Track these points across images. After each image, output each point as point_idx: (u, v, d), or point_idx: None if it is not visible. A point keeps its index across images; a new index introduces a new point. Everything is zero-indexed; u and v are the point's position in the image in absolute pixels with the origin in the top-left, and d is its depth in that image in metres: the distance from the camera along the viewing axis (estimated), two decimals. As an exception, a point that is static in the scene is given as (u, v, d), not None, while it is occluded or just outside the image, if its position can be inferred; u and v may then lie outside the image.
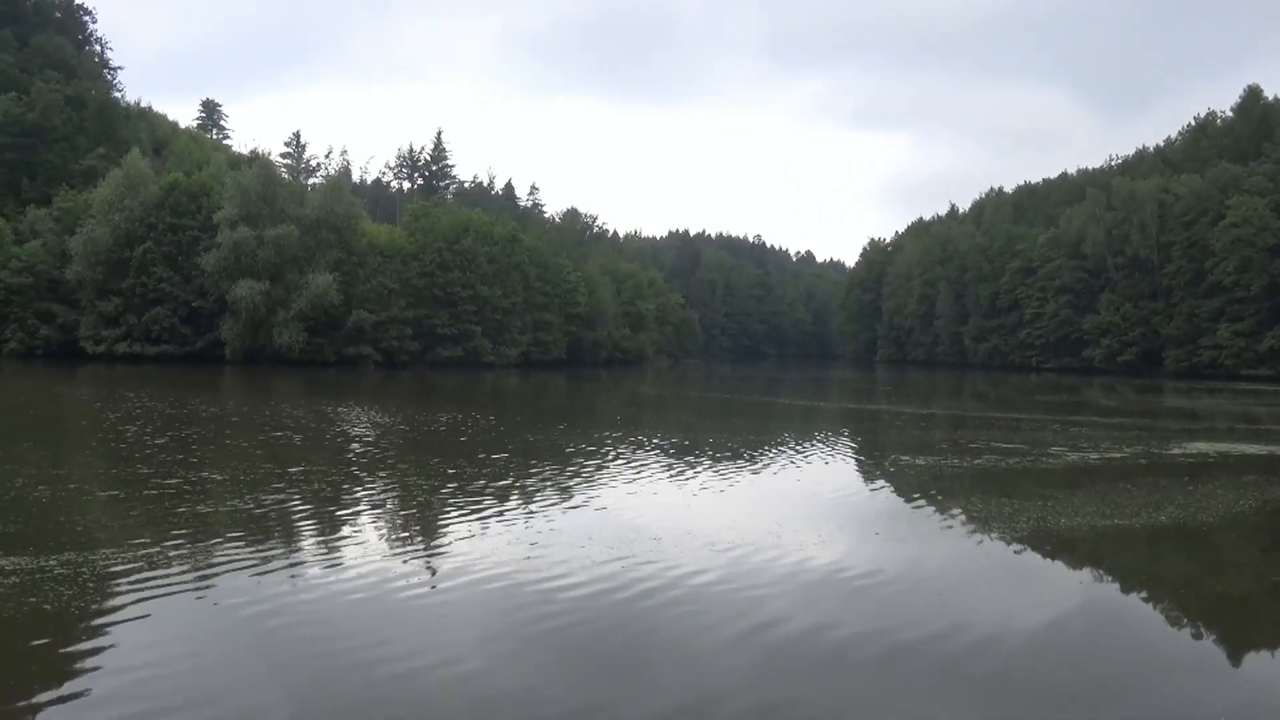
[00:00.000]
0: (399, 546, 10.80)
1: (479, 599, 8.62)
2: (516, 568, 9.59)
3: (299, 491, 13.82)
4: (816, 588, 9.39)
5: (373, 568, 9.55)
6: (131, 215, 59.55)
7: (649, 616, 8.23)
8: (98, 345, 59.19)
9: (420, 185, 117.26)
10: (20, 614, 7.70)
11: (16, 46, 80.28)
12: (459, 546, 10.64)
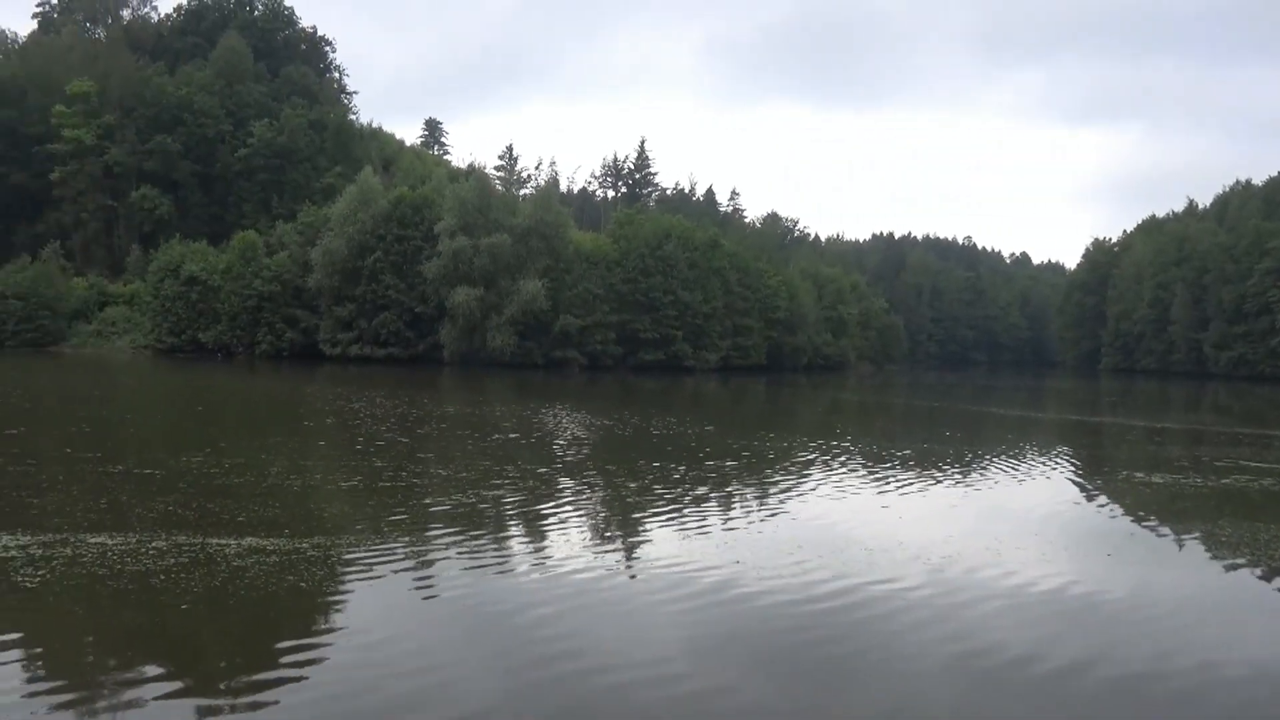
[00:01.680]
0: (605, 546, 11.11)
1: (685, 602, 8.73)
2: (724, 573, 9.64)
3: (512, 488, 14.51)
4: (1038, 610, 8.89)
5: (580, 565, 9.90)
6: (363, 227, 64.55)
7: (859, 630, 8.07)
8: (334, 347, 64.51)
9: (624, 193, 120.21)
10: (281, 590, 8.55)
11: (269, 78, 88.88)
12: (664, 549, 10.83)
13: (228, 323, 66.43)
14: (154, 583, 8.54)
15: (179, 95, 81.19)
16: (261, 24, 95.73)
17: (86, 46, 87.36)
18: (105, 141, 78.74)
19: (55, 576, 8.65)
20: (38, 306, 69.09)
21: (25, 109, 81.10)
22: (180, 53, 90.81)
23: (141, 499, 12.33)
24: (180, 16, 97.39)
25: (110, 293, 74.52)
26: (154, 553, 9.50)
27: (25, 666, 6.85)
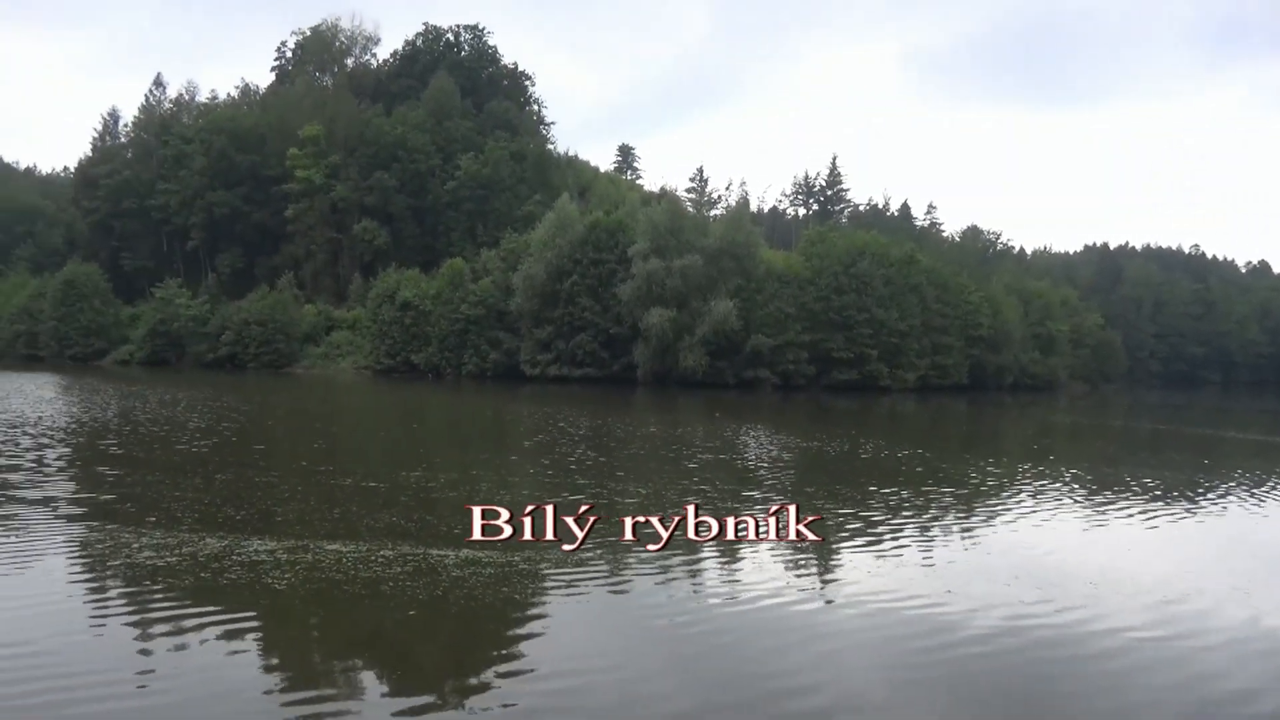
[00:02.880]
0: (800, 567, 10.99)
1: (887, 631, 8.51)
2: (932, 603, 9.33)
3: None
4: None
5: (777, 588, 9.85)
6: (561, 252, 67.05)
7: (1080, 671, 7.59)
8: (534, 368, 67.21)
9: (815, 210, 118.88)
10: (496, 601, 9.02)
11: (475, 113, 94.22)
12: (861, 574, 10.59)
13: (437, 345, 70.61)
14: (383, 589, 9.21)
15: (395, 134, 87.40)
16: (468, 64, 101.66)
17: (316, 94, 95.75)
18: (332, 180, 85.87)
19: (298, 580, 9.50)
20: (275, 331, 76.12)
21: (265, 153, 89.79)
22: (396, 95, 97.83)
23: (369, 510, 13.31)
24: (396, 61, 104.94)
25: (336, 318, 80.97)
26: (382, 561, 10.24)
27: (269, 661, 7.57)
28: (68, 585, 9.39)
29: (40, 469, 16.73)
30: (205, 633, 8.00)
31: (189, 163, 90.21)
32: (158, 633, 7.96)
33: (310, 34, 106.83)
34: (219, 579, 9.47)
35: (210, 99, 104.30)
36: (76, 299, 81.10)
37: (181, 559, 10.14)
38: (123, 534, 11.23)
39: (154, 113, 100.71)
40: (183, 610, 8.53)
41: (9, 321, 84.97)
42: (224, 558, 10.24)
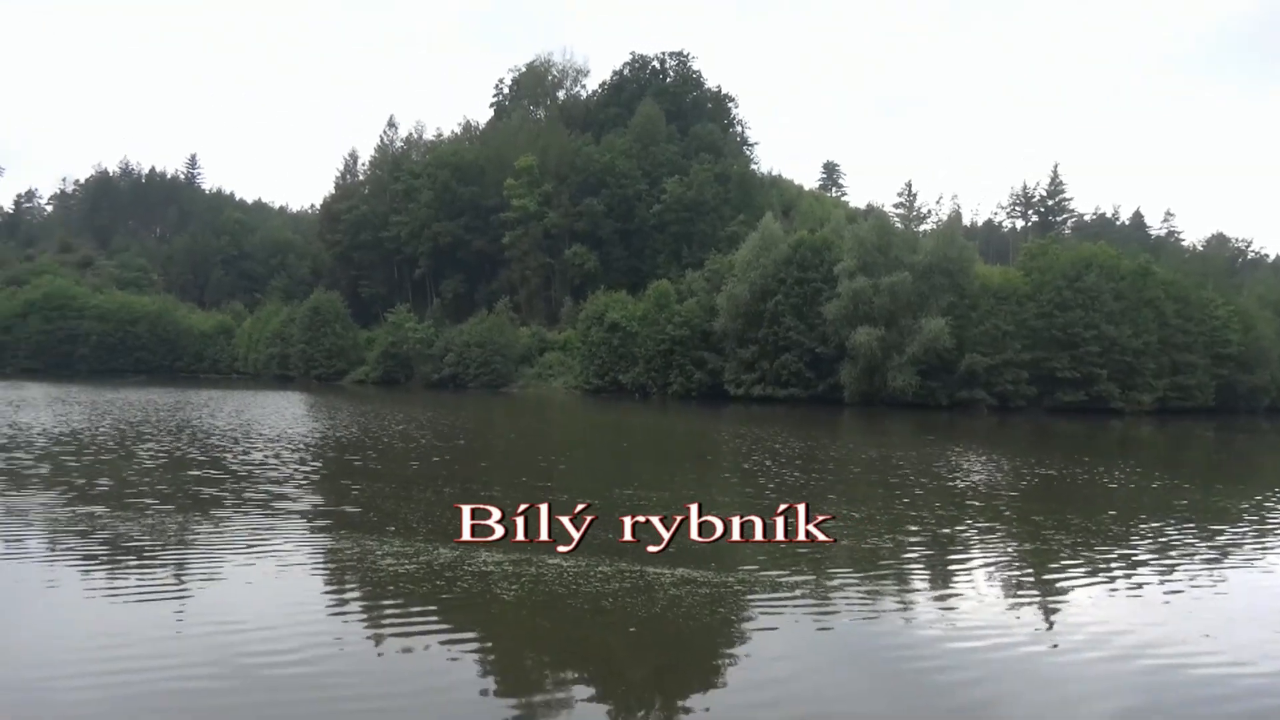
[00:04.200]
0: (1022, 599, 10.41)
1: (1130, 678, 7.90)
2: (1188, 650, 8.57)
3: (924, 534, 14.08)
4: None
5: (994, 618, 9.43)
6: (765, 272, 66.89)
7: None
8: (738, 388, 67.28)
9: (1034, 222, 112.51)
10: (713, 621, 9.11)
11: (679, 137, 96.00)
12: (1097, 611, 9.88)
13: (644, 365, 72.11)
14: (605, 604, 9.50)
15: (603, 161, 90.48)
16: (673, 89, 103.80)
17: (530, 127, 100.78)
18: (545, 207, 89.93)
19: (525, 592, 9.97)
20: (493, 353, 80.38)
21: (484, 184, 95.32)
22: (604, 123, 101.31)
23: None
24: (604, 91, 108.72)
25: (548, 340, 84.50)
26: (601, 577, 10.57)
27: (491, 667, 7.98)
28: (318, 587, 10.32)
29: (297, 481, 18.45)
30: (436, 636, 8.57)
31: (417, 196, 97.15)
32: (390, 633, 8.60)
33: (525, 70, 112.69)
34: (453, 587, 10.09)
35: (436, 136, 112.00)
36: (321, 324, 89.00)
37: (419, 567, 10.89)
38: (367, 542, 12.19)
39: (387, 151, 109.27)
40: (418, 615, 9.17)
41: (265, 345, 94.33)
42: (456, 567, 10.90)
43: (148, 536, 12.26)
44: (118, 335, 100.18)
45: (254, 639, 8.21)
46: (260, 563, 11.14)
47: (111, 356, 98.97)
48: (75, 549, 11.60)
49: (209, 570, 10.78)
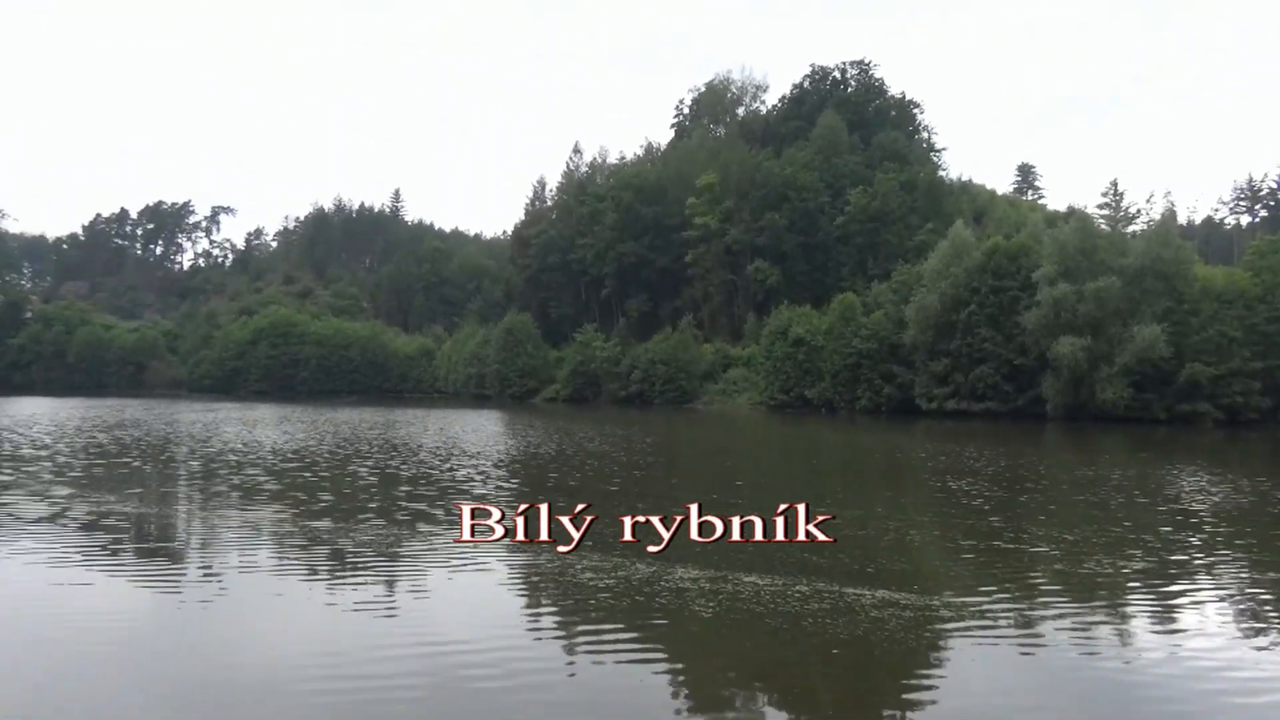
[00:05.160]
0: (1257, 638, 9.42)
1: None
2: None
3: (1147, 559, 13.05)
4: None
5: (1221, 655, 8.69)
6: (956, 281, 64.25)
7: None
8: (930, 402, 64.85)
9: (1263, 218, 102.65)
10: (920, 645, 8.82)
11: (862, 147, 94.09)
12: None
13: (830, 380, 70.82)
14: (804, 625, 9.39)
15: (784, 175, 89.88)
16: (854, 99, 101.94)
17: (710, 145, 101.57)
18: (726, 224, 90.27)
19: (723, 609, 9.99)
20: (677, 370, 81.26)
21: (666, 204, 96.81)
22: (785, 137, 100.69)
23: (780, 546, 13.63)
24: (784, 105, 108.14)
25: (731, 356, 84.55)
26: (799, 596, 10.45)
27: (692, 684, 8.02)
28: (518, 600, 10.74)
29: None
30: (634, 652, 8.73)
31: (602, 218, 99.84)
32: (588, 648, 8.82)
33: (705, 90, 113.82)
34: (651, 602, 10.25)
35: (619, 160, 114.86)
36: (514, 345, 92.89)
37: (616, 582, 11.12)
38: (566, 555, 12.57)
39: (573, 177, 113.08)
40: (616, 630, 9.37)
41: (463, 365, 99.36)
42: (654, 583, 11.06)
43: (362, 550, 13.14)
44: (333, 359, 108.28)
45: (456, 650, 8.56)
46: (463, 575, 11.71)
47: (328, 379, 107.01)
48: (299, 561, 12.59)
49: (417, 582, 11.42)
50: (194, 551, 13.54)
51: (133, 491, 19.12)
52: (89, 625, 9.37)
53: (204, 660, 8.33)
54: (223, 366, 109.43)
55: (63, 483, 20.42)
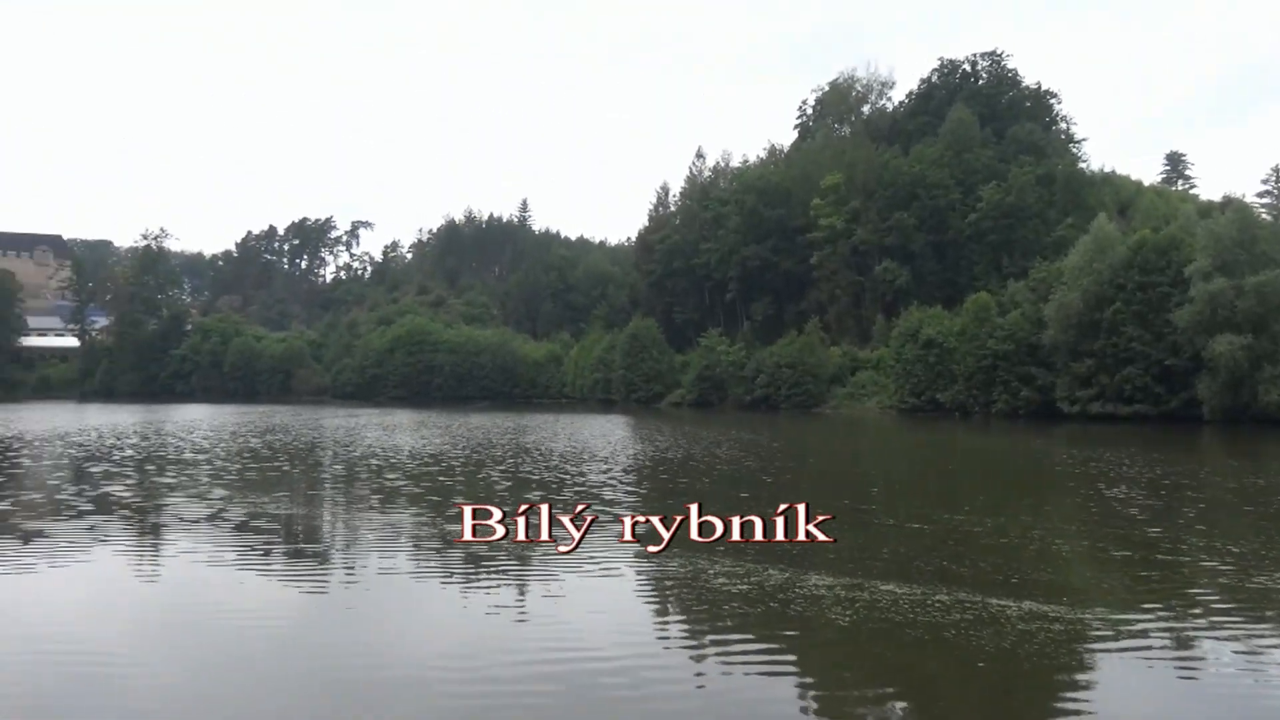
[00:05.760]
0: None
1: None
2: None
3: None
4: None
5: None
6: (1100, 278, 61.05)
7: None
8: (1072, 405, 61.81)
9: None
10: (1070, 661, 8.38)
11: (995, 141, 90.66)
12: None
13: (964, 382, 68.45)
14: (946, 636, 9.06)
15: (912, 173, 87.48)
16: (986, 91, 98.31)
17: (835, 144, 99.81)
18: (852, 224, 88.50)
19: (860, 618, 9.74)
20: (803, 374, 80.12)
21: (791, 206, 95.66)
22: (912, 133, 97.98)
23: (917, 552, 13.24)
24: (911, 101, 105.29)
25: (860, 359, 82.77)
26: (939, 606, 10.09)
27: (832, 694, 7.81)
28: (651, 605, 10.75)
29: (629, 502, 19.42)
30: (769, 660, 8.61)
31: (725, 222, 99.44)
32: (720, 655, 8.72)
33: (828, 89, 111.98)
34: (786, 609, 10.10)
35: (742, 163, 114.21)
36: (639, 350, 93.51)
37: (750, 588, 11.01)
38: (698, 561, 12.53)
39: (696, 181, 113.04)
40: (752, 637, 9.26)
41: (590, 371, 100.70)
42: (788, 589, 10.90)
43: (496, 553, 13.41)
44: (466, 366, 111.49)
45: (585, 657, 8.62)
46: (594, 579, 11.78)
47: (461, 385, 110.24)
48: (435, 563, 12.95)
49: (548, 586, 11.52)
50: (338, 553, 14.12)
51: (282, 494, 20.14)
52: (243, 621, 9.90)
53: (349, 657, 8.67)
54: (363, 374, 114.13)
55: (219, 485, 21.70)
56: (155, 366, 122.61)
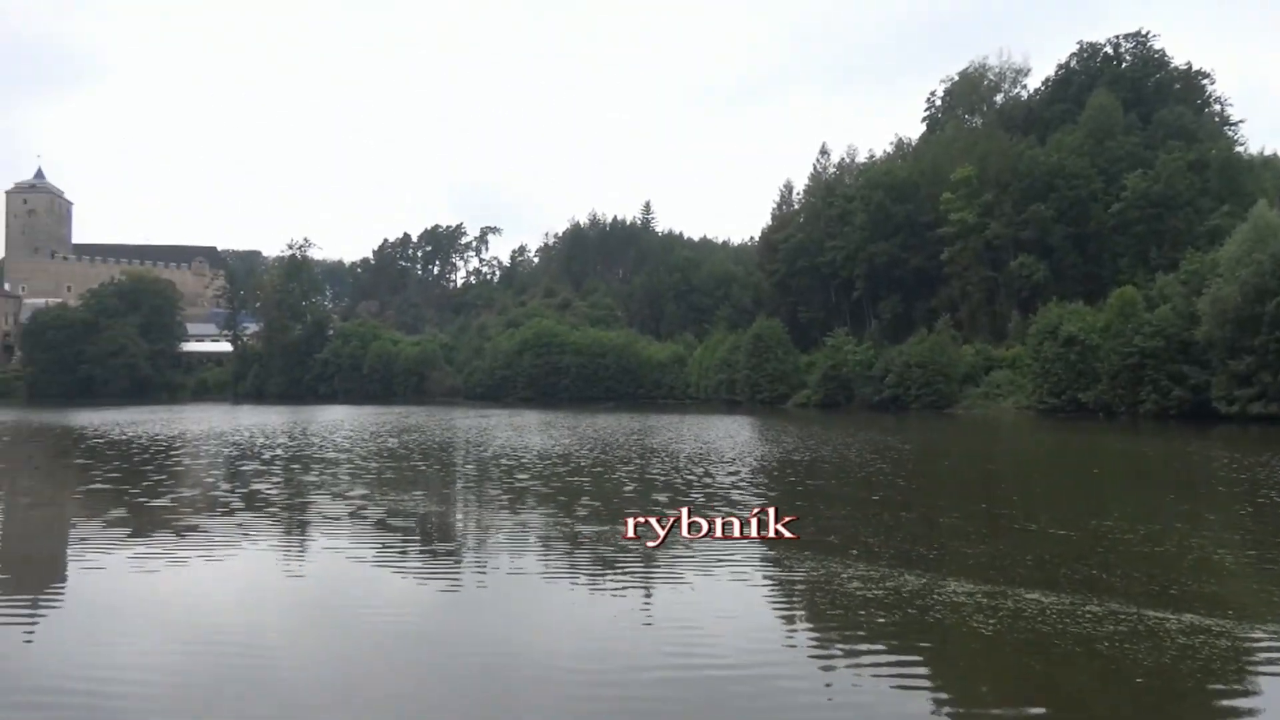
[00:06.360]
0: None
1: None
2: None
3: None
4: None
5: None
6: (1260, 269, 56.89)
7: None
8: (1230, 405, 57.83)
9: None
10: (1236, 680, 7.80)
11: (1140, 127, 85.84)
12: None
13: (1107, 381, 64.99)
14: (1099, 649, 8.58)
15: (1049, 163, 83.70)
16: (1130, 74, 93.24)
17: (966, 136, 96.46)
18: (985, 218, 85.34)
19: (1004, 627, 9.34)
20: (934, 373, 77.72)
21: (919, 201, 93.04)
22: (1049, 122, 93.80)
23: (1063, 560, 12.61)
24: (1048, 88, 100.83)
25: (994, 357, 79.71)
26: (1090, 617, 9.58)
27: (980, 707, 7.47)
28: (782, 607, 10.56)
29: (756, 503, 19.23)
30: (911, 668, 8.31)
31: (851, 219, 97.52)
32: (852, 661, 8.47)
33: (958, 79, 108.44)
34: (925, 616, 9.77)
35: (868, 158, 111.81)
36: (764, 350, 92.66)
37: (886, 593, 10.71)
38: (830, 564, 12.28)
39: (820, 178, 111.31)
40: (890, 644, 8.98)
41: (714, 371, 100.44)
42: (925, 596, 10.55)
43: (624, 553, 13.46)
44: (591, 367, 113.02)
45: (712, 661, 8.48)
46: (722, 583, 11.65)
47: (587, 386, 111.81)
48: (565, 562, 13.09)
49: (676, 587, 11.43)
50: (470, 551, 14.45)
51: (417, 493, 20.82)
52: (382, 616, 10.25)
53: (482, 654, 8.83)
54: (493, 375, 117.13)
55: (359, 483, 22.62)
56: (300, 369, 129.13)
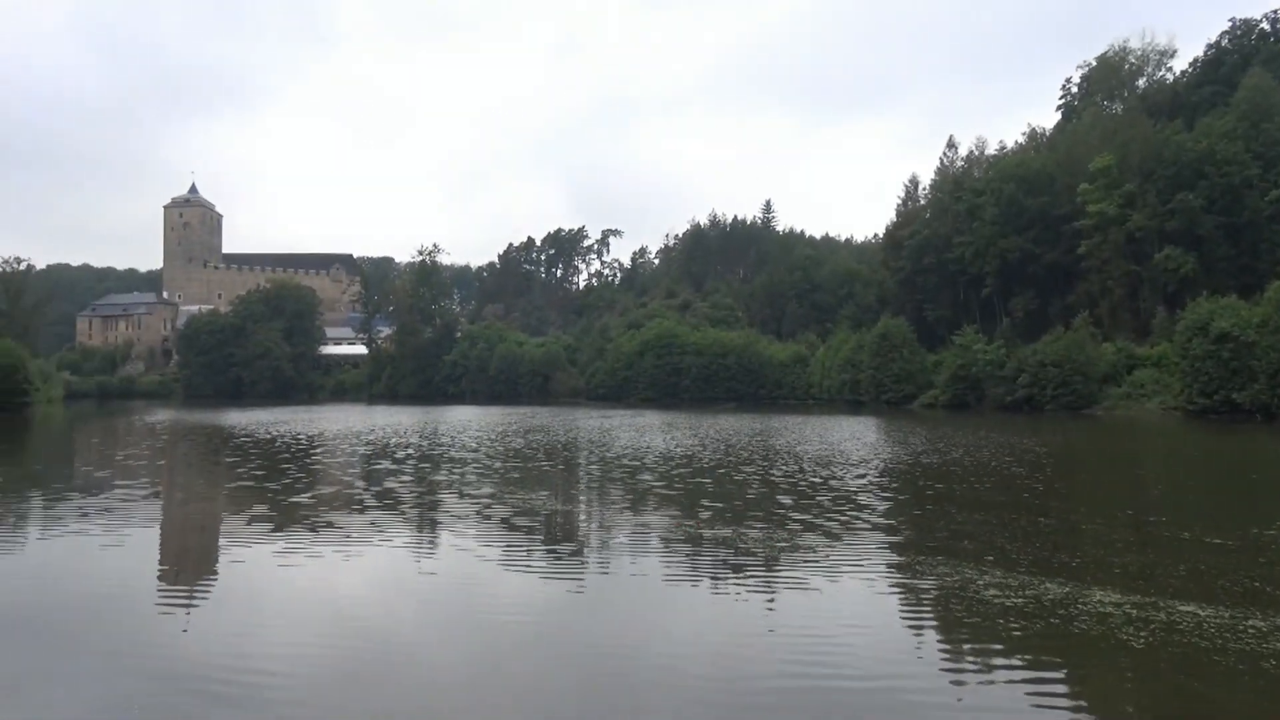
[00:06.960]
0: None
1: None
2: None
3: None
4: None
5: None
6: None
7: None
8: None
9: None
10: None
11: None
12: None
13: (1266, 381, 60.68)
14: (1266, 668, 7.99)
15: (1198, 149, 78.86)
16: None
17: (1105, 123, 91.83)
18: (1126, 210, 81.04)
19: (1157, 641, 8.80)
20: (1071, 372, 74.26)
21: (1054, 193, 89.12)
22: (1198, 105, 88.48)
23: (1221, 571, 11.82)
24: (1196, 70, 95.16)
25: (1137, 355, 75.62)
26: (1254, 632, 8.94)
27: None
28: (918, 615, 10.21)
29: (883, 507, 18.76)
30: (1059, 683, 7.90)
31: (980, 214, 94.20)
32: (977, 677, 8.10)
33: (1096, 64, 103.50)
34: (1068, 626, 9.31)
35: (999, 150, 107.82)
36: (889, 349, 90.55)
37: (1026, 601, 10.26)
38: (965, 570, 11.84)
39: (947, 173, 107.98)
40: (1034, 656, 8.57)
41: (837, 371, 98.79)
42: (1068, 605, 10.05)
43: (749, 556, 13.30)
44: (712, 368, 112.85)
45: (838, 672, 8.24)
46: (849, 590, 11.34)
47: (707, 386, 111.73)
48: (687, 563, 13.02)
49: (801, 591, 11.17)
50: (593, 551, 14.54)
51: (542, 492, 21.16)
52: (509, 615, 10.41)
53: (605, 655, 8.86)
54: (615, 376, 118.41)
55: (487, 481, 23.16)
56: (430, 371, 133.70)
